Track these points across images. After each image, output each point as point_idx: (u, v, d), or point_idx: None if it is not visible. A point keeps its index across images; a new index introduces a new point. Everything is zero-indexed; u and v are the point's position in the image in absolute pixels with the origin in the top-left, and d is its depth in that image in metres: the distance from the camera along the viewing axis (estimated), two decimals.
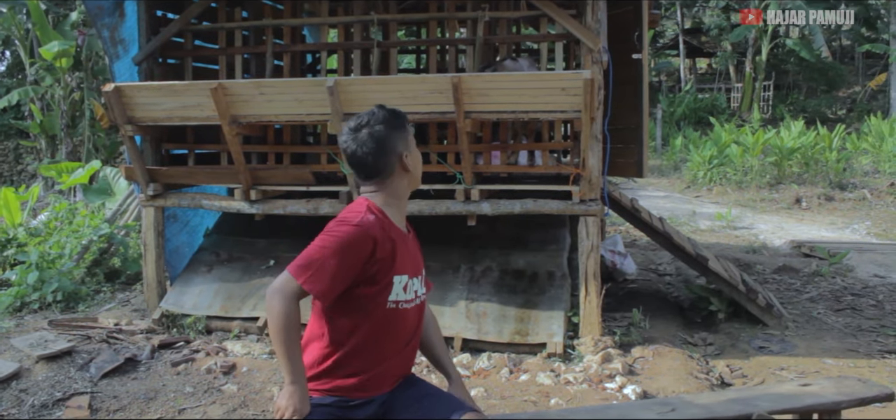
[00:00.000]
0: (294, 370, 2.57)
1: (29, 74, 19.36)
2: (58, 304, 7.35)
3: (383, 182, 2.75)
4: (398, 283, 2.71)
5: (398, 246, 2.70)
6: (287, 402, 2.55)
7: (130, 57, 6.61)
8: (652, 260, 9.51)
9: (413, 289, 2.78)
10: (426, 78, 5.76)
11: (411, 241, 2.84)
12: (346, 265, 2.59)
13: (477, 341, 5.96)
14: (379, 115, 2.74)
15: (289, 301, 2.58)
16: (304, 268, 2.56)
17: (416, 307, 2.82)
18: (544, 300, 6.22)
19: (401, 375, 2.84)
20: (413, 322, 2.82)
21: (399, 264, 2.70)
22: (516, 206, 5.97)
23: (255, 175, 6.36)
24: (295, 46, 6.82)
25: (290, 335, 2.57)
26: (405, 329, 2.78)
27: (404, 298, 2.74)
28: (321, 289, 2.58)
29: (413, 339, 2.86)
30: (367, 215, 2.66)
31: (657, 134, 22.61)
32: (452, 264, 6.75)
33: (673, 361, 5.45)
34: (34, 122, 18.98)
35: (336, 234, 2.61)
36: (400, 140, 2.73)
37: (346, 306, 2.68)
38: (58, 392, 5.08)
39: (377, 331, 2.71)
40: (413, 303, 2.79)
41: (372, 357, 2.72)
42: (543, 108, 5.47)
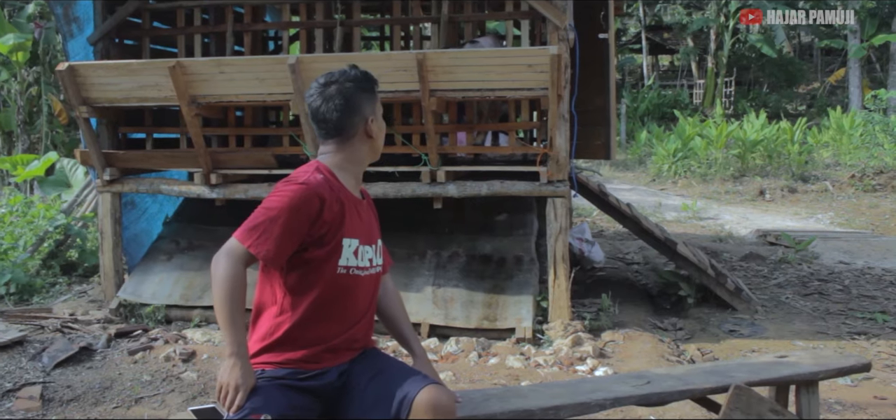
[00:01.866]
0: (234, 340, 2.41)
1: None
2: (11, 297, 7.10)
3: (343, 144, 2.63)
4: (348, 246, 2.58)
5: (347, 208, 2.58)
6: (228, 376, 2.39)
7: (85, 36, 6.38)
8: (619, 249, 9.46)
9: (367, 256, 2.65)
10: (391, 55, 5.63)
11: (365, 209, 2.72)
12: (293, 226, 2.46)
13: (444, 327, 5.84)
14: (350, 74, 2.65)
15: (234, 265, 2.44)
16: (250, 231, 2.44)
17: (372, 276, 2.69)
18: (512, 285, 6.11)
19: (360, 346, 2.70)
20: (368, 291, 2.69)
21: (348, 227, 2.57)
22: (483, 189, 5.86)
23: (215, 158, 6.18)
24: (255, 25, 6.64)
25: (234, 302, 2.42)
26: (360, 297, 2.65)
27: (356, 264, 2.61)
28: (268, 251, 2.44)
29: (369, 309, 2.73)
30: (315, 175, 2.55)
31: (621, 129, 22.68)
32: (418, 250, 6.62)
33: (644, 345, 5.37)
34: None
35: (282, 193, 2.49)
36: (367, 103, 2.64)
37: (296, 272, 2.55)
38: (8, 383, 4.86)
39: (329, 298, 2.58)
40: (368, 271, 2.65)
41: (325, 327, 2.59)
42: (510, 85, 5.36)
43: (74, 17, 6.38)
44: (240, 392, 2.39)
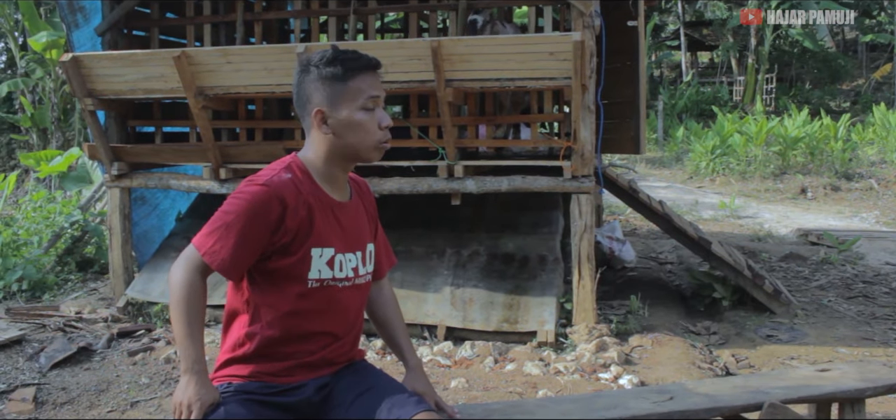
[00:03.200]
0: (189, 356, 2.12)
1: (19, 67, 18.93)
2: (23, 294, 6.93)
3: (310, 139, 2.30)
4: (318, 257, 2.24)
5: (318, 213, 2.24)
6: (183, 393, 2.11)
7: (92, 26, 6.18)
8: (652, 248, 9.07)
9: (349, 265, 2.31)
10: (404, 43, 5.33)
11: (352, 211, 2.37)
12: (250, 233, 2.15)
13: (462, 330, 5.53)
14: (316, 56, 2.25)
15: (190, 273, 2.15)
16: (206, 237, 2.15)
17: (357, 287, 2.36)
18: (535, 286, 5.79)
19: (344, 359, 2.39)
20: (352, 303, 2.35)
21: (318, 235, 2.24)
22: (503, 184, 5.54)
23: (225, 152, 5.94)
24: (266, 14, 6.38)
25: (190, 314, 2.14)
26: (340, 312, 2.32)
27: (332, 276, 2.27)
28: (223, 261, 2.14)
29: (356, 323, 2.41)
30: (281, 174, 2.21)
31: (658, 126, 22.16)
32: (437, 248, 6.33)
33: (674, 350, 5.01)
34: (25, 115, 18.55)
35: (240, 196, 2.17)
36: (319, 91, 2.22)
37: (263, 281, 2.24)
38: (2, 383, 4.66)
39: (302, 313, 2.26)
40: (350, 282, 2.32)
41: (300, 343, 2.28)
42: (530, 74, 5.03)
43: (79, 6, 6.18)
44: (194, 410, 2.10)
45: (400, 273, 6.07)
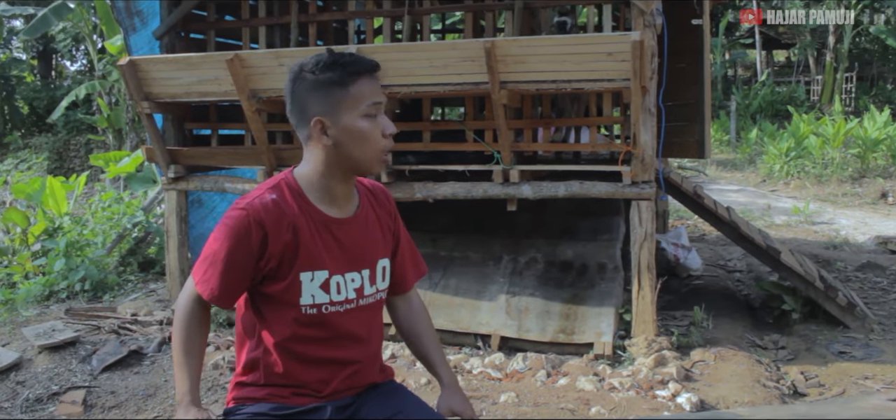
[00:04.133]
0: (182, 388, 2.08)
1: (97, 69, 19.41)
2: (85, 294, 7.03)
3: (307, 151, 2.14)
4: (309, 281, 2.10)
5: (307, 234, 2.09)
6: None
7: (148, 30, 6.21)
8: (721, 255, 8.74)
9: (350, 286, 2.16)
10: (456, 44, 5.19)
11: (357, 226, 2.20)
12: (235, 260, 2.04)
13: (516, 339, 5.37)
14: (311, 62, 2.09)
15: (188, 303, 2.11)
16: (199, 264, 2.09)
17: (364, 308, 2.20)
18: (593, 295, 5.59)
19: (364, 382, 2.25)
20: (358, 326, 2.20)
21: (308, 258, 2.09)
22: (560, 189, 5.35)
23: (278, 155, 5.89)
24: (320, 16, 6.32)
25: (185, 344, 2.09)
26: (345, 337, 2.18)
27: (329, 300, 2.13)
28: (212, 290, 2.06)
29: (370, 344, 2.26)
30: (264, 196, 2.07)
31: (731, 127, 21.55)
32: (494, 254, 6.18)
33: (737, 366, 4.75)
34: (102, 116, 19.00)
35: (225, 221, 2.07)
36: (317, 100, 2.06)
37: (262, 305, 2.14)
38: (55, 385, 4.70)
39: (302, 338, 2.14)
40: (353, 304, 2.17)
41: (308, 371, 2.16)
42: (587, 76, 4.83)
43: (137, 10, 6.21)
44: None
45: (454, 280, 5.94)
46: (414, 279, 2.43)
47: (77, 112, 21.88)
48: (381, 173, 5.53)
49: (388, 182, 5.58)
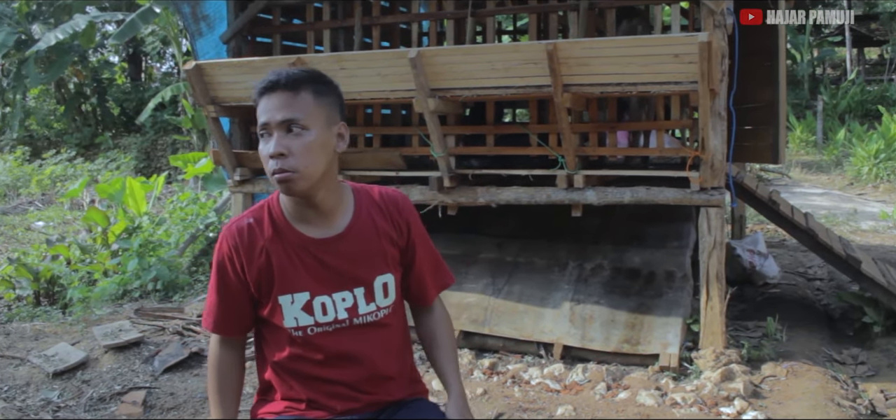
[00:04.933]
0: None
1: (182, 71, 19.88)
2: (157, 293, 7.17)
3: None
4: (289, 304, 2.07)
5: (282, 257, 2.07)
6: None
7: (215, 35, 6.29)
8: (801, 262, 8.38)
9: (340, 306, 2.10)
10: (518, 46, 5.08)
11: (348, 243, 2.11)
12: (224, 286, 2.10)
13: (579, 349, 5.23)
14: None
15: (212, 343, 2.17)
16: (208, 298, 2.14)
17: (359, 328, 2.13)
18: (660, 304, 5.41)
19: (384, 400, 2.19)
20: (353, 347, 2.12)
21: (285, 281, 2.07)
22: (626, 195, 5.20)
23: (342, 159, 5.88)
24: (383, 19, 6.29)
25: (214, 383, 2.16)
26: (344, 358, 2.12)
27: (314, 322, 2.09)
28: (213, 323, 2.13)
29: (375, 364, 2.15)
30: (242, 220, 2.10)
31: (817, 128, 20.77)
32: (559, 260, 6.04)
33: (811, 383, 4.51)
34: (186, 117, 19.49)
35: (215, 248, 2.13)
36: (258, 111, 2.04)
37: (263, 329, 2.17)
38: (117, 385, 4.78)
39: (302, 358, 2.12)
40: (343, 324, 2.11)
41: (312, 388, 2.13)
42: (653, 78, 4.66)
43: (203, 15, 6.30)
44: None
45: (519, 286, 5.83)
46: (435, 292, 2.34)
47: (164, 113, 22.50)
48: (445, 177, 5.47)
49: (451, 186, 5.51)
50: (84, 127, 21.50)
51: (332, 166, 2.04)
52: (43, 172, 16.38)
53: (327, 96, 2.03)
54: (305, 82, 1.99)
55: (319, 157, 1.97)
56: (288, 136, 1.96)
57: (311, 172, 1.96)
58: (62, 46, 18.97)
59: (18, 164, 17.45)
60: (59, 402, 4.55)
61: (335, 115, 2.05)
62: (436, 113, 5.21)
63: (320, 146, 1.98)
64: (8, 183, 15.86)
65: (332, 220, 2.10)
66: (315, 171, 1.97)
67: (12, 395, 4.63)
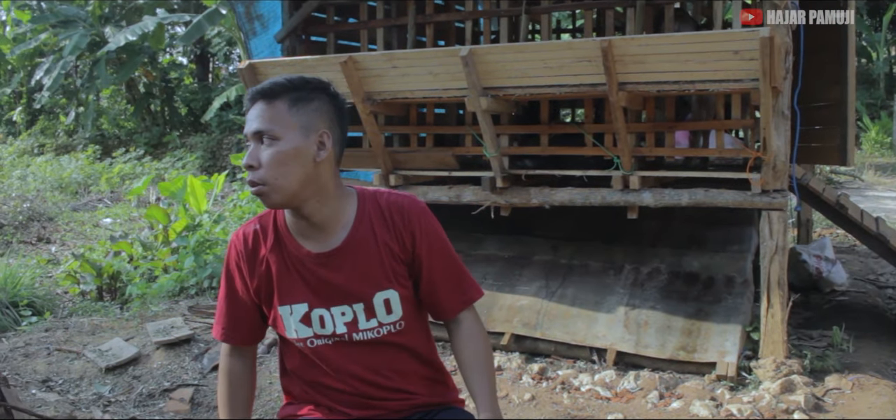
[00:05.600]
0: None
1: None
2: (212, 291, 7.23)
3: None
4: (288, 315, 2.03)
5: (278, 269, 2.03)
6: None
7: (269, 34, 6.31)
8: (871, 269, 8.04)
9: (340, 320, 2.03)
10: (572, 44, 4.96)
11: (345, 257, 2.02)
12: (232, 292, 2.09)
13: (634, 355, 5.08)
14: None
15: (221, 356, 2.16)
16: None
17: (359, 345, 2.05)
18: (719, 310, 5.22)
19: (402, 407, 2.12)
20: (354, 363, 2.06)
21: (283, 292, 2.03)
22: (684, 197, 5.02)
23: (395, 158, 5.84)
24: (437, 17, 6.22)
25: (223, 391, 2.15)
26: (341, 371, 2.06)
27: (313, 334, 2.04)
28: (222, 330, 2.13)
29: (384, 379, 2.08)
30: (249, 227, 2.07)
31: (894, 129, 20.03)
32: (615, 264, 5.89)
33: (878, 397, 4.29)
34: None
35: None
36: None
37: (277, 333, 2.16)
38: (167, 382, 4.82)
39: (310, 366, 2.09)
40: (342, 338, 2.04)
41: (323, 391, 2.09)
42: (712, 76, 4.49)
43: (257, 14, 6.32)
44: None
45: (572, 289, 5.71)
46: (457, 306, 2.15)
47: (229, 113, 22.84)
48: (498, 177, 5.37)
49: (503, 187, 5.41)
50: (153, 126, 21.94)
51: (315, 177, 1.94)
52: (112, 170, 16.75)
53: (308, 103, 1.94)
54: (283, 92, 1.93)
55: (291, 168, 1.89)
56: (259, 147, 1.91)
57: (282, 184, 1.89)
58: (132, 48, 19.40)
59: (90, 162, 17.87)
60: (109, 397, 4.60)
61: (317, 123, 1.94)
62: (488, 112, 5.12)
63: (292, 157, 1.89)
64: (79, 180, 16.23)
65: (328, 234, 2.02)
66: (286, 182, 1.89)
67: (66, 389, 4.70)
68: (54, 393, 4.60)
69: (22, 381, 4.76)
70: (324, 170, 1.96)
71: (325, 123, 1.96)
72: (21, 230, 11.63)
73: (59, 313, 7.01)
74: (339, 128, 2.01)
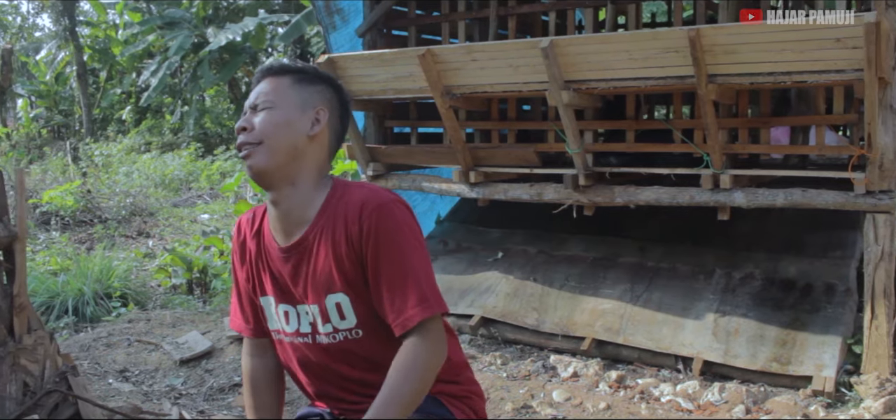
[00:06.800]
0: None
1: None
2: None
3: None
4: (267, 306, 1.97)
5: (254, 258, 1.98)
6: None
7: (349, 28, 6.25)
8: None
9: (305, 319, 1.91)
10: (658, 33, 4.68)
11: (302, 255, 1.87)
12: (236, 283, 2.06)
13: (721, 365, 4.77)
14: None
15: (242, 355, 2.11)
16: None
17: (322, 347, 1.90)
18: (817, 320, 4.85)
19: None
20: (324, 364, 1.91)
21: (258, 282, 1.98)
22: (779, 198, 4.68)
23: (475, 155, 5.68)
24: (520, 8, 6.02)
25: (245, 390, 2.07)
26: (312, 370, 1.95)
27: (280, 328, 1.96)
28: (235, 322, 2.08)
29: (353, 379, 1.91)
30: (246, 215, 2.03)
31: None
32: (705, 268, 5.57)
33: None
34: None
35: None
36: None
37: None
38: (237, 376, 4.79)
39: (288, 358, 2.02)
40: (306, 338, 1.92)
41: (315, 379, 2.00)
42: (811, 67, 4.15)
43: (337, 9, 6.26)
44: None
45: (658, 294, 5.43)
46: (396, 326, 1.80)
47: None
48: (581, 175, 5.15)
49: (586, 185, 5.18)
50: None
51: (302, 153, 1.86)
52: (212, 167, 17.16)
53: (310, 84, 1.92)
54: (289, 71, 1.92)
55: (282, 132, 1.84)
56: (254, 113, 1.87)
57: (270, 146, 1.82)
58: (234, 48, 19.86)
59: (192, 159, 18.36)
60: (181, 389, 4.60)
61: (315, 101, 1.91)
62: (570, 106, 4.90)
63: (284, 125, 1.85)
64: (181, 177, 16.69)
65: (292, 226, 1.90)
66: (274, 145, 1.82)
67: (141, 380, 4.73)
68: (129, 384, 4.63)
69: (101, 370, 4.82)
70: (313, 150, 1.88)
71: (324, 104, 1.92)
72: (123, 224, 11.99)
73: (149, 305, 7.13)
74: (337, 117, 1.97)
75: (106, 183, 15.03)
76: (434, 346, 1.79)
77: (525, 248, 6.33)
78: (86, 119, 21.89)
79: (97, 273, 7.04)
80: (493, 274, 6.06)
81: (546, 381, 4.66)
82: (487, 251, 6.42)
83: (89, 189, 13.28)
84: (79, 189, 12.70)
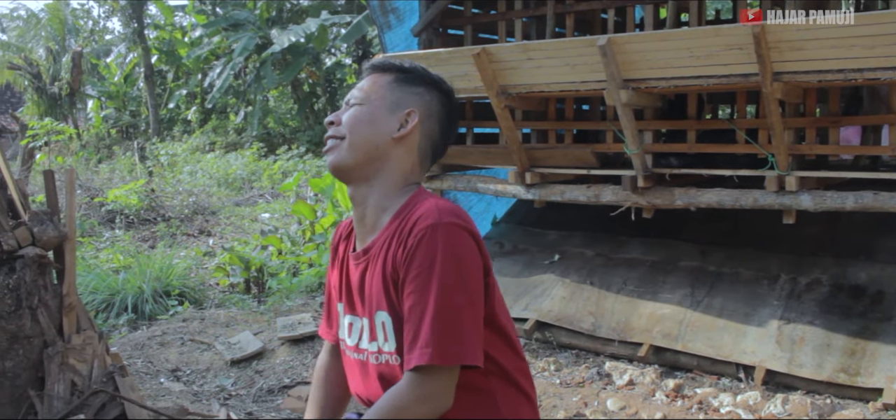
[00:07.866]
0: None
1: None
2: None
3: None
4: (339, 314, 1.92)
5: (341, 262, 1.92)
6: None
7: (405, 27, 6.20)
8: None
9: (356, 332, 1.84)
10: (720, 30, 4.53)
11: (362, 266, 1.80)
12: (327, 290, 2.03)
13: (785, 375, 4.59)
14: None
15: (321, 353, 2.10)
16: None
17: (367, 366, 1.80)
18: (889, 329, 4.64)
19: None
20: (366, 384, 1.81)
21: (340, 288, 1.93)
22: (848, 201, 4.48)
23: (531, 155, 5.58)
24: (578, 5, 5.89)
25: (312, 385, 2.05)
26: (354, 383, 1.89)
27: (345, 339, 1.89)
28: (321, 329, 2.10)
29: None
30: (346, 220, 1.99)
31: None
32: (770, 273, 5.38)
33: None
34: None
35: None
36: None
37: None
38: (287, 378, 4.78)
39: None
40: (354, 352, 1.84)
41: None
42: (883, 63, 3.94)
43: (392, 8, 6.21)
44: None
45: (720, 299, 5.26)
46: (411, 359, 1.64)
47: None
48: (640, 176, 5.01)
49: (645, 186, 5.04)
50: (315, 124, 22.58)
51: (384, 154, 1.79)
52: (274, 167, 17.35)
53: (412, 86, 1.86)
54: (394, 70, 1.88)
55: (365, 130, 1.79)
56: (347, 108, 1.85)
57: (353, 141, 1.78)
58: (297, 49, 20.05)
59: (254, 159, 18.59)
60: (231, 390, 4.60)
61: (410, 102, 1.84)
62: (629, 106, 4.76)
63: (368, 122, 1.81)
64: (244, 177, 16.90)
65: (367, 232, 1.83)
66: (357, 140, 1.78)
67: (192, 379, 4.75)
68: (180, 383, 4.65)
69: (153, 369, 4.85)
70: (398, 153, 1.81)
71: (418, 107, 1.84)
72: (186, 223, 12.17)
73: (206, 304, 7.19)
74: (435, 123, 1.87)
75: (170, 182, 15.30)
76: (428, 398, 1.62)
77: (582, 250, 6.21)
78: (153, 119, 22.36)
79: (157, 271, 7.13)
80: (550, 276, 5.95)
81: (600, 388, 4.53)
82: (544, 253, 6.31)
83: (153, 188, 13.52)
84: (143, 188, 12.94)
